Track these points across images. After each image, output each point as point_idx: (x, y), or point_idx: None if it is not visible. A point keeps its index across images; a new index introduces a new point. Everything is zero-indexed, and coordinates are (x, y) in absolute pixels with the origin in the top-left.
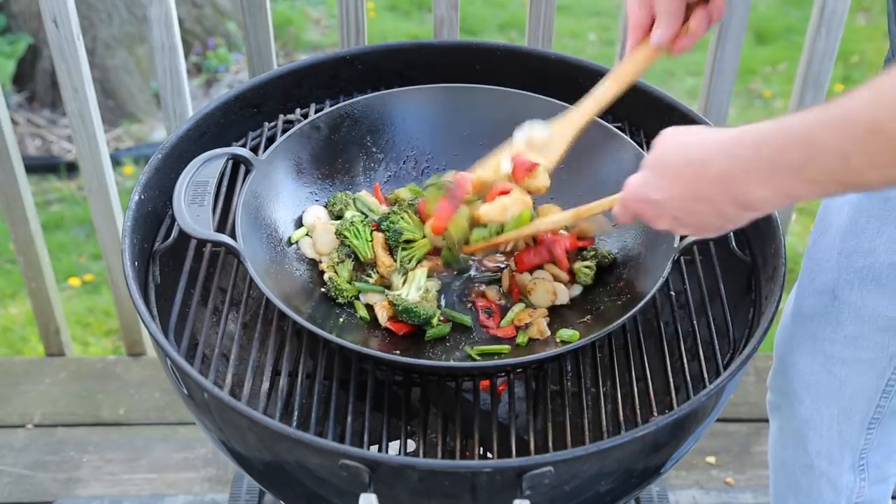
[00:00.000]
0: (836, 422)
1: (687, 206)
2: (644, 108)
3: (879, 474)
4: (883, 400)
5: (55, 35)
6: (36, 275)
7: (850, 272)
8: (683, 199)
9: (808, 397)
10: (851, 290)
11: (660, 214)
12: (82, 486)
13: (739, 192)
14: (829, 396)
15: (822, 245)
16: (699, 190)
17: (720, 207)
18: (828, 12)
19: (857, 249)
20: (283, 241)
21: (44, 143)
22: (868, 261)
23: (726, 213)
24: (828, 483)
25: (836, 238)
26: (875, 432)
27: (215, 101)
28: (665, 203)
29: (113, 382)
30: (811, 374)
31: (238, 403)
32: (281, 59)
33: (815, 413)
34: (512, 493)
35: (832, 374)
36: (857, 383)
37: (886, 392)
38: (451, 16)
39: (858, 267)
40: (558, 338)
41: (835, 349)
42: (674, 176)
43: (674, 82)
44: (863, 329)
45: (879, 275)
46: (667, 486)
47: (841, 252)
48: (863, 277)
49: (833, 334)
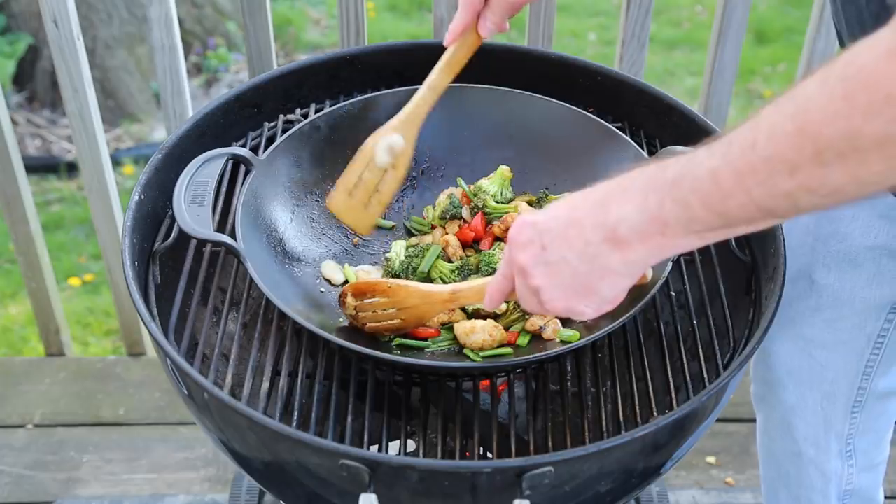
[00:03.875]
0: (821, 406)
1: (561, 259)
2: (644, 108)
3: (867, 461)
4: (864, 381)
5: (55, 35)
6: (36, 275)
7: (828, 256)
8: (559, 256)
9: (791, 383)
10: (829, 273)
11: (543, 299)
12: (82, 486)
13: (607, 215)
14: (812, 381)
15: (795, 231)
16: (570, 232)
17: (593, 246)
18: (828, 12)
19: (833, 234)
20: (283, 241)
21: (44, 143)
22: (844, 244)
23: (598, 256)
24: (816, 470)
25: (809, 224)
26: (859, 416)
27: (215, 101)
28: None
29: (113, 382)
30: (792, 360)
31: (238, 403)
32: (281, 59)
33: (800, 399)
34: (512, 494)
35: (813, 357)
36: (838, 366)
37: (867, 373)
38: (451, 16)
39: (835, 251)
40: (558, 338)
41: (814, 333)
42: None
43: (674, 82)
44: (841, 311)
45: (856, 257)
46: (667, 486)
47: (817, 238)
48: (839, 260)
49: (812, 318)
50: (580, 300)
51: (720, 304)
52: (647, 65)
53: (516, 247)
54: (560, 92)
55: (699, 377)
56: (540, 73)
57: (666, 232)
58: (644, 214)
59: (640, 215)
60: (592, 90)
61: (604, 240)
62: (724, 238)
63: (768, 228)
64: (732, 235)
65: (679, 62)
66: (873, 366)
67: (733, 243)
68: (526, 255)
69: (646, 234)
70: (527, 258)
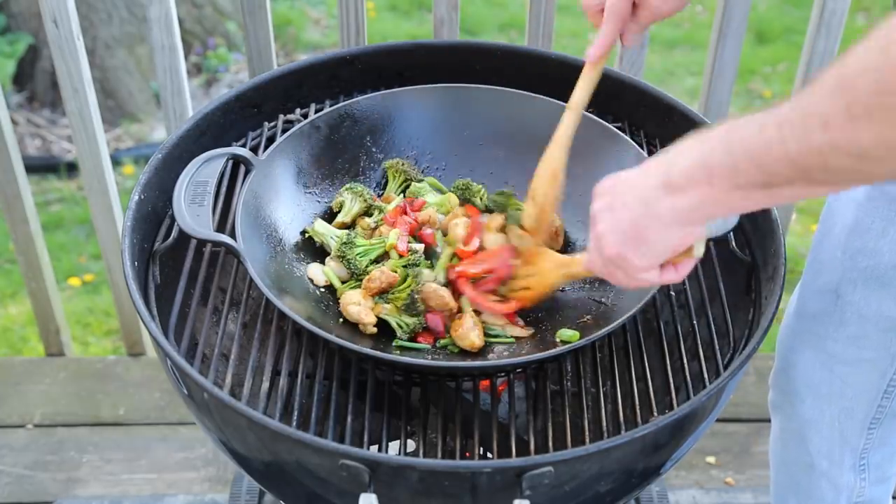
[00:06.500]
0: (838, 421)
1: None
2: (644, 108)
3: (880, 474)
4: (885, 400)
5: (55, 35)
6: (36, 275)
7: (854, 272)
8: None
9: (810, 397)
10: (855, 290)
11: (613, 272)
12: (82, 486)
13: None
14: (831, 396)
15: (826, 244)
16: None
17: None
18: (828, 12)
19: (861, 249)
20: (283, 241)
21: (44, 143)
22: (872, 261)
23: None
24: (828, 483)
25: (840, 237)
26: (876, 432)
27: (215, 101)
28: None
29: (113, 382)
30: (813, 374)
31: (238, 403)
32: (281, 59)
33: (817, 412)
34: (512, 493)
35: (834, 373)
36: (858, 383)
37: (888, 392)
38: (451, 16)
39: (862, 267)
40: (558, 338)
41: (837, 348)
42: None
43: (674, 82)
44: (865, 329)
45: (883, 275)
46: (667, 486)
47: (845, 251)
48: (867, 277)
49: (836, 334)
50: (632, 248)
51: (720, 304)
52: (647, 65)
53: (594, 197)
54: (560, 92)
55: (699, 377)
56: (540, 73)
57: (713, 181)
58: (695, 159)
59: (691, 160)
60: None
61: (660, 184)
62: (770, 204)
63: (769, 228)
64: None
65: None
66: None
67: (733, 243)
68: (598, 204)
69: (694, 181)
70: (597, 206)
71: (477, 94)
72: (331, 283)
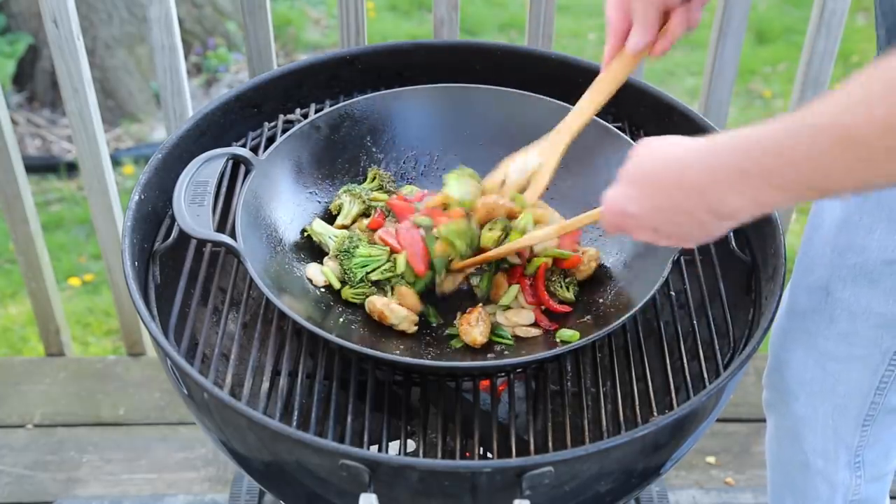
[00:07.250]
0: (831, 419)
1: (664, 217)
2: (644, 108)
3: (875, 472)
4: (877, 396)
5: (55, 35)
6: (36, 275)
7: (843, 269)
8: (661, 210)
9: (803, 394)
10: (844, 287)
11: (639, 227)
12: (82, 486)
13: (715, 202)
14: (824, 394)
15: (815, 242)
16: (675, 200)
17: (697, 217)
18: (828, 12)
19: (850, 246)
20: (283, 241)
21: (44, 143)
22: (861, 258)
23: (703, 223)
24: (824, 481)
25: (829, 234)
26: (870, 429)
27: (215, 101)
28: (643, 216)
29: (113, 382)
30: (805, 371)
31: (238, 403)
32: (281, 59)
33: (810, 410)
34: (512, 493)
35: (826, 370)
36: (851, 380)
37: (881, 389)
38: (451, 16)
39: (851, 264)
40: (558, 338)
41: (828, 346)
42: (650, 188)
43: (674, 82)
44: (856, 326)
45: (872, 271)
46: (667, 486)
47: (834, 249)
48: (856, 274)
49: (826, 331)
50: (663, 241)
51: (720, 304)
52: (647, 65)
53: (627, 233)
54: (560, 92)
55: (699, 377)
56: (540, 73)
57: (777, 206)
58: (753, 201)
59: (749, 202)
60: None
61: (715, 217)
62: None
63: (769, 228)
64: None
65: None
66: (888, 381)
67: (733, 243)
68: (642, 235)
69: (756, 211)
70: (644, 236)
71: (477, 94)
72: (330, 283)
